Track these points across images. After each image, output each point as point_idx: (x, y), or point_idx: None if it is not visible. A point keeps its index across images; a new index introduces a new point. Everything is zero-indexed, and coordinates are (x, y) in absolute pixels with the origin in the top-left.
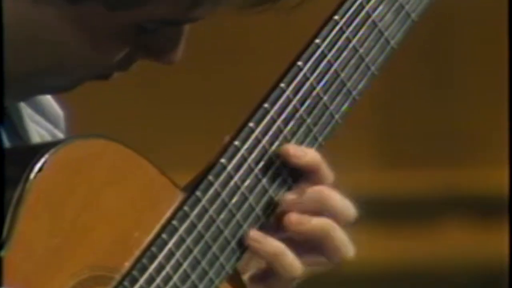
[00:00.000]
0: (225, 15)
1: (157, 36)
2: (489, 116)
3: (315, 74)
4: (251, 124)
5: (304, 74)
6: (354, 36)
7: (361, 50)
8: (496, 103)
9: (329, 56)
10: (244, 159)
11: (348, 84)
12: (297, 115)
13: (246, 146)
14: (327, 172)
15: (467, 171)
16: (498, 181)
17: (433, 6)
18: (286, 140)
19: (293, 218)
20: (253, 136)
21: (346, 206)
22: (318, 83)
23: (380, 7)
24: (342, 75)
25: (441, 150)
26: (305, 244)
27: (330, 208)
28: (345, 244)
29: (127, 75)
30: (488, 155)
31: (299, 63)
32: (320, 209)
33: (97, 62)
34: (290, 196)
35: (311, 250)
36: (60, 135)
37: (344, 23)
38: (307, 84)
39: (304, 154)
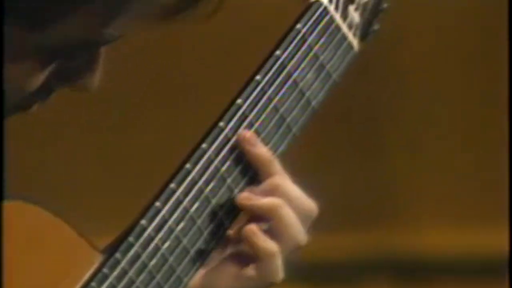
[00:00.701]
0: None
1: (73, 61)
2: (412, 180)
3: (236, 135)
4: (172, 185)
5: (226, 135)
6: (275, 96)
7: (282, 111)
8: (418, 167)
9: (250, 117)
10: (165, 220)
11: (269, 145)
12: (218, 175)
13: (167, 207)
14: (280, 167)
15: (390, 234)
16: (422, 243)
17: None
18: (207, 200)
19: (243, 194)
20: (174, 197)
21: (302, 195)
22: None
23: (302, 66)
24: (263, 135)
25: (365, 213)
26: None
27: (283, 193)
28: (296, 225)
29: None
30: (413, 218)
31: (221, 123)
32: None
33: (16, 85)
34: (243, 195)
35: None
36: None
37: (266, 82)
38: (229, 144)
39: (260, 145)
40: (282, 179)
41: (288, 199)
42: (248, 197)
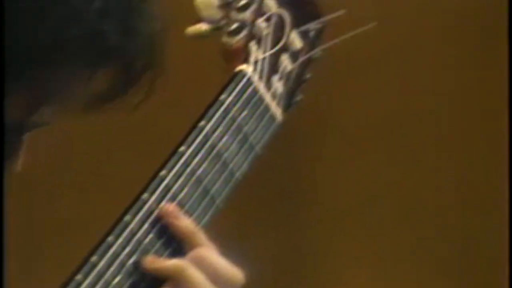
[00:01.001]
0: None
1: None
2: (337, 250)
3: (159, 208)
4: (94, 258)
5: (149, 207)
6: (199, 168)
7: (205, 182)
8: (344, 235)
9: (174, 189)
10: None
11: (193, 217)
12: (141, 247)
13: (88, 280)
14: (204, 238)
15: None
16: None
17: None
18: (129, 273)
19: (148, 258)
20: (96, 270)
21: (227, 265)
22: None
23: (225, 138)
24: (187, 207)
25: (289, 281)
26: None
27: (208, 265)
28: (204, 285)
29: None
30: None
31: (144, 195)
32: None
33: None
34: (148, 258)
35: None
36: None
37: (190, 154)
38: (152, 216)
39: (183, 217)
40: (207, 251)
41: (213, 270)
42: (152, 260)
